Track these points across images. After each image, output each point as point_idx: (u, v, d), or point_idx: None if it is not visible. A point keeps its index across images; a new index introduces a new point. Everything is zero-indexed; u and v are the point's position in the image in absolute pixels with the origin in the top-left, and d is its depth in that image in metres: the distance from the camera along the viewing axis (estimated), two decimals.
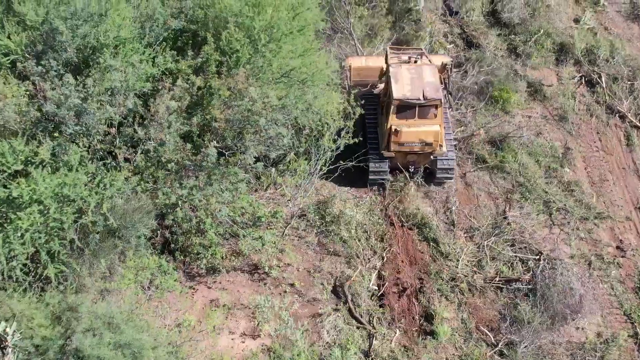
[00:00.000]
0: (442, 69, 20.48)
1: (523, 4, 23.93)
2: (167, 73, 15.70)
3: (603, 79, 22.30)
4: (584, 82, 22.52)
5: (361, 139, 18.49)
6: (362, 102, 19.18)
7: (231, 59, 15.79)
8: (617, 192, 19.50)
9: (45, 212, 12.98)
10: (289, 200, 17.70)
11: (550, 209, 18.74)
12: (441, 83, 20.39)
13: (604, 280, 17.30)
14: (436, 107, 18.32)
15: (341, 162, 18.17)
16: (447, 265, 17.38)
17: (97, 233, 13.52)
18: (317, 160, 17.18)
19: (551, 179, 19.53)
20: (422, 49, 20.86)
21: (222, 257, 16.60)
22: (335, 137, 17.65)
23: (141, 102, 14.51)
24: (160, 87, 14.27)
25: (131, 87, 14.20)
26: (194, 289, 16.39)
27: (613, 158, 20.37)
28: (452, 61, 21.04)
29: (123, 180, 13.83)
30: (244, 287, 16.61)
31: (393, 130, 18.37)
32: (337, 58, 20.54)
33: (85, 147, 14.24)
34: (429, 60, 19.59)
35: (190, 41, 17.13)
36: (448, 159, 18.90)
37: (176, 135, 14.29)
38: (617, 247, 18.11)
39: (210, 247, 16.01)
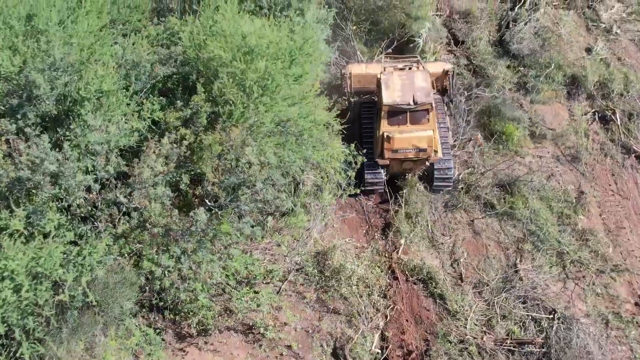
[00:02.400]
0: (444, 75, 20.13)
1: (533, 35, 22.74)
2: (154, 125, 14.60)
3: (617, 115, 21.12)
4: (597, 119, 21.33)
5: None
6: (361, 109, 19.58)
7: (224, 110, 14.64)
8: (635, 241, 18.35)
9: (18, 288, 11.86)
10: (286, 255, 16.57)
11: (564, 261, 17.61)
12: (444, 89, 20.33)
13: (622, 342, 16.19)
14: (428, 111, 18.02)
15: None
16: (455, 324, 16.26)
17: (76, 309, 12.39)
18: (317, 217, 16.03)
19: (564, 227, 18.38)
20: (418, 57, 20.42)
21: (214, 316, 15.53)
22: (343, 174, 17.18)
23: (125, 162, 13.35)
24: (145, 147, 13.09)
25: (113, 147, 13.06)
26: (184, 351, 15.30)
27: (629, 203, 19.22)
28: (453, 68, 20.59)
29: (104, 248, 12.69)
30: (237, 349, 15.51)
31: (385, 137, 18.00)
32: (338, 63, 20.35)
33: (63, 208, 13.14)
34: (424, 68, 19.20)
35: (180, 85, 16.07)
36: (446, 168, 18.50)
37: (162, 198, 13.13)
38: (636, 304, 16.99)
39: (200, 310, 14.92)
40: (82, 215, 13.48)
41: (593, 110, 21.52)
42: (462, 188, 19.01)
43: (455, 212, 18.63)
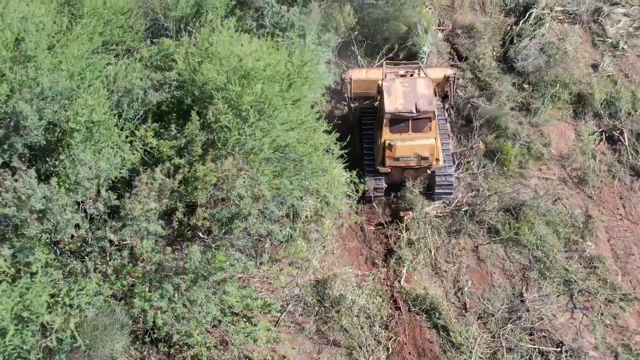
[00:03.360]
0: (445, 81, 19.88)
1: (538, 51, 22.15)
2: (147, 153, 14.05)
3: (625, 136, 20.53)
4: (604, 139, 20.73)
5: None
6: (361, 114, 19.51)
7: (219, 136, 14.09)
8: None
9: (3, 332, 11.31)
10: (284, 286, 16.01)
11: (572, 290, 17.03)
12: (445, 95, 20.06)
13: None
14: (430, 119, 17.82)
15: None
16: (459, 358, 15.69)
17: (65, 352, 11.84)
18: (316, 245, 15.49)
19: (572, 253, 17.80)
20: (419, 63, 20.16)
21: (209, 349, 14.96)
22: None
23: (116, 196, 12.78)
24: (136, 183, 12.51)
25: (104, 181, 12.50)
26: None
27: (638, 228, 18.62)
28: (454, 73, 20.28)
29: (94, 288, 12.13)
30: None
31: (387, 144, 17.74)
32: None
33: (51, 243, 12.58)
34: (426, 74, 18.94)
35: (175, 108, 15.53)
36: (446, 175, 18.23)
37: (154, 235, 12.57)
38: None
39: (195, 344, 14.35)
40: (72, 250, 12.93)
41: (600, 129, 20.91)
42: (465, 212, 18.43)
43: (459, 238, 18.06)
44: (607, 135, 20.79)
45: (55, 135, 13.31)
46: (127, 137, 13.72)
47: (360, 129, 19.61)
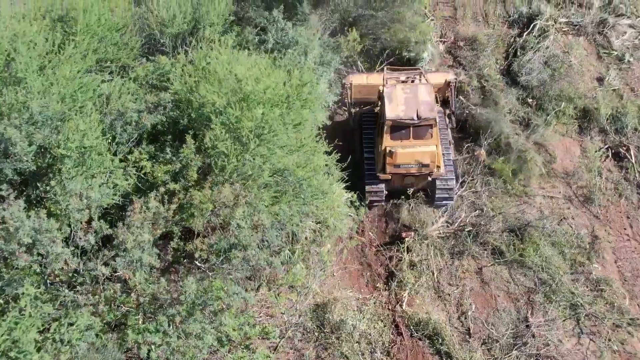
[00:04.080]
0: (446, 86, 19.71)
1: (542, 64, 21.69)
2: (141, 179, 13.61)
3: (632, 152, 20.08)
4: (610, 155, 20.29)
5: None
6: (361, 120, 19.42)
7: (216, 162, 13.63)
8: None
9: None
10: (284, 313, 15.56)
11: (578, 314, 16.58)
12: (446, 101, 19.87)
13: None
14: (431, 126, 17.66)
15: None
16: None
17: None
18: (316, 270, 15.05)
19: (578, 275, 17.35)
20: (420, 69, 19.96)
21: None
22: None
23: (108, 225, 12.32)
24: (129, 213, 12.05)
25: (95, 211, 12.04)
26: None
27: None
28: (455, 78, 20.11)
29: (85, 322, 11.67)
30: None
31: (388, 151, 17.52)
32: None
33: (41, 274, 12.12)
34: (427, 80, 18.77)
35: (171, 129, 15.08)
36: (447, 179, 18.02)
37: (148, 267, 12.11)
38: None
39: None
40: (62, 280, 12.48)
41: (606, 146, 20.46)
42: (469, 232, 17.99)
43: (462, 259, 17.61)
44: (613, 151, 20.34)
45: (45, 161, 12.85)
46: (120, 161, 13.24)
47: (360, 134, 19.46)
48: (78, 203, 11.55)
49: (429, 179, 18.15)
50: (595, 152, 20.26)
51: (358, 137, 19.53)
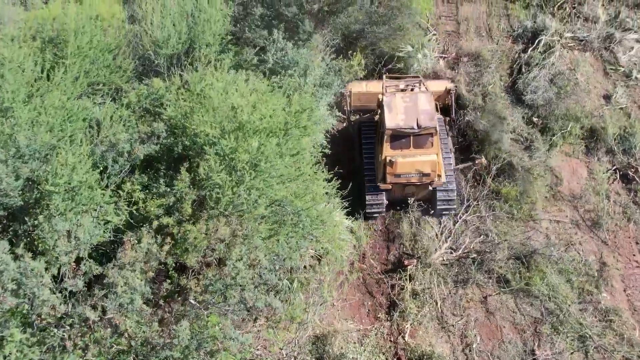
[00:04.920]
0: (446, 93, 19.54)
1: (548, 82, 21.12)
2: (132, 217, 13.03)
3: None
4: (618, 177, 19.72)
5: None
6: (361, 128, 19.21)
7: (211, 195, 13.05)
8: None
9: None
10: (282, 349, 15.00)
11: (587, 346, 16.03)
12: (446, 109, 19.64)
13: None
14: (432, 135, 17.43)
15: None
16: None
17: None
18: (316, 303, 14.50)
19: (586, 305, 16.80)
20: (419, 77, 19.69)
21: None
22: None
23: (97, 264, 11.75)
24: (119, 254, 11.47)
25: (84, 252, 11.48)
26: None
27: None
28: (455, 87, 19.89)
29: None
30: None
31: (388, 161, 17.23)
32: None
33: (27, 315, 11.56)
34: (427, 88, 18.49)
35: (165, 156, 14.52)
36: (448, 190, 17.73)
37: (139, 311, 11.54)
38: None
39: None
40: (50, 322, 11.90)
41: (614, 167, 19.90)
42: (473, 260, 17.43)
43: (466, 288, 17.06)
44: (621, 173, 19.78)
45: (33, 196, 12.28)
46: (111, 196, 12.67)
47: (360, 143, 19.17)
48: (66, 245, 10.97)
49: (430, 188, 17.83)
50: (603, 174, 19.68)
51: (357, 146, 19.26)
